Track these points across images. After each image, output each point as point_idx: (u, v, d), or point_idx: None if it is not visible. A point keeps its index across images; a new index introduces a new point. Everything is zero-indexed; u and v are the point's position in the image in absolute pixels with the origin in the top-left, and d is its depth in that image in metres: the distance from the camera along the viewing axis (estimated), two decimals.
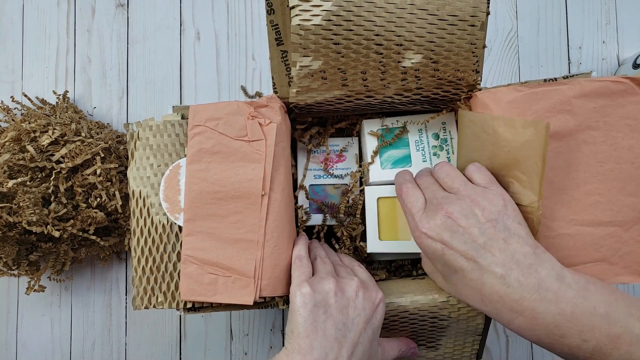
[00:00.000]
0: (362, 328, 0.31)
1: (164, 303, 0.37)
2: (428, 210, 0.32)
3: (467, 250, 0.30)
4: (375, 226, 0.40)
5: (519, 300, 0.28)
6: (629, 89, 0.35)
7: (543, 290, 0.28)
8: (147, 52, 0.69)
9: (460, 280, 0.31)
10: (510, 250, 0.29)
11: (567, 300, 0.28)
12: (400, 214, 0.41)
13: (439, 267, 0.33)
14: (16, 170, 0.53)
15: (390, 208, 0.41)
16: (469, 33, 0.35)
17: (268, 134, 0.37)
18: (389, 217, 0.41)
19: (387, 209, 0.41)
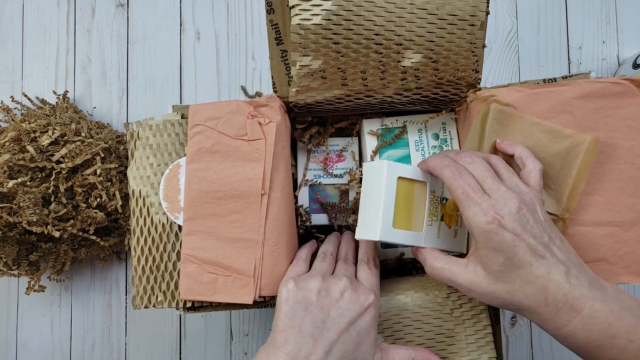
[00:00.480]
0: (343, 328, 0.31)
1: (163, 302, 0.37)
2: (498, 197, 0.29)
3: (536, 245, 0.28)
4: (391, 211, 0.34)
5: (580, 298, 0.28)
6: (628, 91, 0.35)
7: (594, 289, 0.28)
8: (147, 52, 0.69)
9: (524, 276, 0.29)
10: (566, 249, 0.30)
11: (612, 300, 0.29)
12: (417, 201, 0.35)
13: (499, 260, 0.29)
14: (16, 170, 0.53)
15: (409, 192, 0.35)
16: (469, 33, 0.35)
17: (268, 133, 0.37)
18: (406, 202, 0.35)
19: (405, 193, 0.35)
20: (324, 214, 0.45)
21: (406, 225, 0.35)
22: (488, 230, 0.28)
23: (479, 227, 0.29)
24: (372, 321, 0.32)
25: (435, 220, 0.36)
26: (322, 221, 0.45)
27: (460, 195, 0.30)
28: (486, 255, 0.29)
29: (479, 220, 0.29)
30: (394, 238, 0.34)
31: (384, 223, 0.33)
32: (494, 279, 0.29)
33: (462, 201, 0.30)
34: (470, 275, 0.30)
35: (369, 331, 0.32)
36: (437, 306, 0.37)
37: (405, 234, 0.34)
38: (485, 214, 0.29)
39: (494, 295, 0.29)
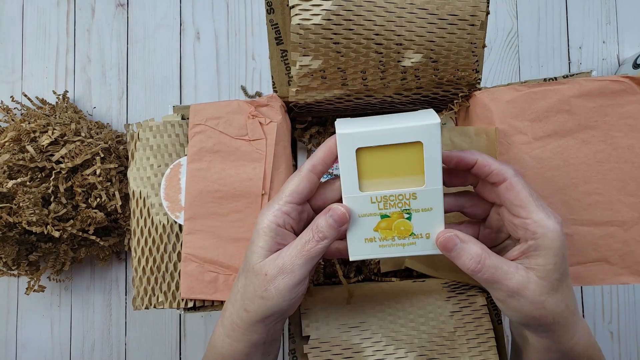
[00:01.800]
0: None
1: (164, 303, 0.37)
2: (544, 205, 0.27)
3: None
4: (354, 176, 0.27)
5: (576, 303, 0.29)
6: (628, 89, 0.35)
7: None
8: (147, 51, 0.69)
9: (568, 285, 0.28)
10: None
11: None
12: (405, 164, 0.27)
13: (562, 268, 0.26)
14: (16, 170, 0.53)
15: (379, 163, 0.27)
16: (469, 32, 0.35)
17: (268, 133, 0.37)
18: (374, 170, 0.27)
19: (371, 163, 0.27)
20: None
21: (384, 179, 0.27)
22: (562, 234, 0.26)
23: (556, 229, 0.26)
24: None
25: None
26: None
27: (527, 196, 0.26)
28: (554, 262, 0.26)
29: (554, 223, 0.26)
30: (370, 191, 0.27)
31: (348, 188, 0.27)
32: (550, 287, 0.27)
33: (530, 202, 0.26)
34: (523, 279, 0.26)
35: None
36: (436, 309, 0.37)
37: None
38: (555, 217, 0.26)
39: (541, 305, 0.27)
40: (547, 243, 0.26)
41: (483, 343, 0.37)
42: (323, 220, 0.28)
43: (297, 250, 0.28)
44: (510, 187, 0.27)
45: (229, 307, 0.31)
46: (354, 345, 0.36)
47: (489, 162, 0.27)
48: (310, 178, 0.29)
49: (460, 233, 0.28)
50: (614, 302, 0.63)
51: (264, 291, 0.28)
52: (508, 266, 0.27)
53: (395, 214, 0.28)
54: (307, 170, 0.29)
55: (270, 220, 0.28)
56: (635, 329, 0.63)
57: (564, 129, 0.35)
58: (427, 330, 0.37)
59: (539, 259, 0.26)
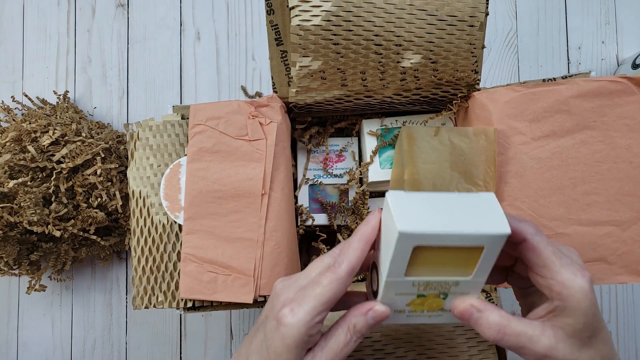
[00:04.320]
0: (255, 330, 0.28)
1: (164, 302, 0.38)
2: (572, 256, 0.26)
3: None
4: (403, 266, 0.25)
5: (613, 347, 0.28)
6: (626, 89, 0.35)
7: None
8: (147, 52, 0.69)
9: (602, 339, 0.26)
10: None
11: None
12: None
13: (593, 325, 0.25)
14: (17, 170, 0.53)
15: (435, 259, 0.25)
16: (468, 33, 0.35)
17: (268, 134, 0.37)
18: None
19: (423, 256, 0.25)
20: (324, 214, 0.45)
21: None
22: (590, 293, 0.24)
23: (583, 289, 0.24)
24: (279, 338, 0.26)
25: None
26: (322, 221, 0.45)
27: (550, 255, 0.25)
28: (583, 322, 0.25)
29: (581, 282, 0.24)
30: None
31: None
32: (581, 345, 0.25)
33: (555, 262, 0.25)
34: (551, 341, 0.25)
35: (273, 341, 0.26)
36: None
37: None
38: (583, 274, 0.24)
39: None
40: (574, 304, 0.25)
41: (482, 342, 0.37)
42: (362, 321, 0.26)
43: (334, 354, 0.26)
44: (531, 247, 0.25)
45: None
46: None
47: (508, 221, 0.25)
48: (348, 282, 0.26)
49: (477, 301, 0.27)
50: (612, 301, 0.63)
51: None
52: (533, 329, 0.26)
53: (432, 295, 0.27)
54: (347, 275, 0.25)
55: (302, 333, 0.25)
56: (634, 329, 0.63)
57: (563, 129, 0.35)
58: (426, 330, 0.37)
59: (567, 319, 0.25)
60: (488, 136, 0.36)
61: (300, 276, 0.28)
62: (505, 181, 0.36)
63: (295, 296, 0.26)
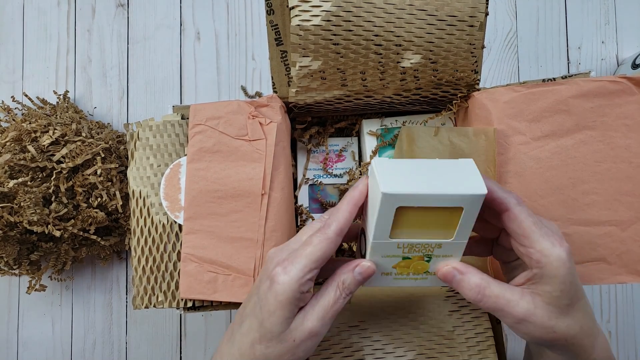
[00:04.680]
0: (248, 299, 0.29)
1: (164, 302, 0.38)
2: (552, 227, 0.28)
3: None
4: (388, 227, 0.26)
5: (595, 321, 0.29)
6: (626, 89, 0.35)
7: None
8: (147, 52, 0.69)
9: (582, 308, 0.27)
10: None
11: None
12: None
13: (570, 293, 0.26)
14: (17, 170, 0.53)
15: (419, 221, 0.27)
16: (468, 33, 0.35)
17: (268, 134, 0.37)
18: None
19: (406, 217, 0.26)
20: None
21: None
22: (568, 262, 0.26)
23: (561, 258, 0.25)
24: (269, 292, 0.27)
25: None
26: None
27: (530, 225, 0.26)
28: (560, 290, 0.26)
29: (559, 251, 0.25)
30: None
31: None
32: (559, 312, 0.26)
33: (535, 231, 0.26)
34: (529, 306, 0.26)
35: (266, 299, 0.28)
36: (435, 308, 0.38)
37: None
38: (562, 244, 0.26)
39: (551, 330, 0.27)
40: (552, 271, 0.26)
41: (482, 342, 0.37)
42: (350, 277, 0.27)
43: (325, 311, 0.27)
44: (513, 216, 0.26)
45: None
46: (354, 344, 0.36)
47: (492, 189, 0.26)
48: (337, 242, 0.27)
49: (460, 264, 0.28)
50: (612, 301, 0.63)
51: (291, 355, 0.27)
52: (512, 293, 0.27)
53: (416, 257, 0.28)
54: (335, 234, 0.27)
55: (294, 290, 0.26)
56: (633, 328, 0.63)
57: (562, 129, 0.35)
58: (426, 330, 0.37)
59: (545, 286, 0.26)
60: (488, 136, 0.36)
61: (292, 241, 0.29)
62: (505, 181, 0.36)
63: (288, 256, 0.27)
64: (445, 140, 0.37)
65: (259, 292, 0.28)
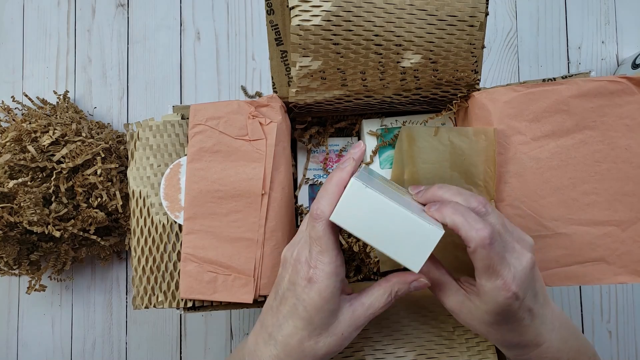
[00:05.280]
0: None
1: (164, 302, 0.38)
2: (514, 262, 0.27)
3: (532, 306, 0.28)
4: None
5: (543, 334, 0.30)
6: (626, 89, 0.35)
7: (551, 321, 0.30)
8: (148, 52, 0.69)
9: (512, 327, 0.29)
10: (540, 287, 0.30)
11: (560, 326, 0.31)
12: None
13: (497, 319, 0.28)
14: (17, 170, 0.53)
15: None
16: (468, 33, 0.35)
17: (268, 134, 0.37)
18: None
19: None
20: None
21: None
22: (506, 304, 0.27)
23: (497, 302, 0.27)
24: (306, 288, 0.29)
25: None
26: None
27: (484, 267, 0.27)
28: (490, 317, 0.28)
29: (500, 296, 0.27)
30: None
31: None
32: (487, 325, 0.29)
33: (484, 273, 0.27)
34: (457, 306, 0.30)
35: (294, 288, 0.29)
36: (435, 308, 0.38)
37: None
38: (508, 289, 0.27)
39: (474, 328, 0.30)
40: (489, 306, 0.28)
41: (482, 342, 0.37)
42: (405, 288, 0.30)
43: (374, 311, 0.29)
44: (472, 252, 0.27)
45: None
46: (354, 345, 0.36)
47: (457, 227, 0.27)
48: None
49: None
50: (612, 301, 0.63)
51: (339, 347, 0.30)
52: (451, 283, 0.30)
53: None
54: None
55: (335, 281, 0.28)
56: (633, 328, 0.63)
57: (562, 129, 0.35)
58: (426, 330, 0.37)
59: (476, 301, 0.29)
60: (488, 136, 0.36)
61: (296, 236, 0.31)
62: (505, 181, 0.36)
63: (309, 253, 0.29)
64: (445, 140, 0.37)
65: (296, 293, 0.29)
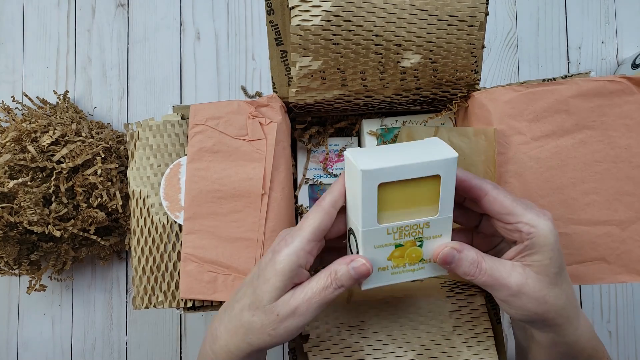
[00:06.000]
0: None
1: (164, 303, 0.38)
2: (531, 203, 0.28)
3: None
4: (374, 209, 0.27)
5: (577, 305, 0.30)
6: (625, 89, 0.35)
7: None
8: (147, 52, 0.69)
9: (566, 278, 0.28)
10: None
11: None
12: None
13: (558, 262, 0.27)
14: (17, 170, 0.53)
15: (400, 199, 0.27)
16: (468, 33, 0.35)
17: (268, 133, 0.37)
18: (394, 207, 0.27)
19: (390, 196, 0.27)
20: None
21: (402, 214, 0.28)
22: (554, 229, 0.27)
23: (548, 226, 0.26)
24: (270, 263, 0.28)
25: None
26: None
27: (511, 202, 0.27)
28: (550, 257, 0.27)
29: (545, 220, 0.26)
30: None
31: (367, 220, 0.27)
32: (548, 282, 0.27)
33: (516, 207, 0.27)
34: (522, 277, 0.27)
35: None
36: (435, 308, 0.38)
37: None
38: (545, 214, 0.27)
39: (543, 300, 0.27)
40: (541, 240, 0.27)
41: (482, 342, 0.37)
42: (344, 270, 0.27)
43: (313, 294, 0.27)
44: (492, 199, 0.27)
45: (224, 335, 0.30)
46: (353, 344, 0.37)
47: (467, 178, 0.28)
48: (331, 214, 0.28)
49: (455, 243, 0.28)
50: (612, 301, 0.63)
51: (272, 330, 0.28)
52: (504, 266, 0.28)
53: (408, 243, 0.28)
54: (329, 205, 0.28)
55: (292, 261, 0.27)
56: (633, 328, 0.63)
57: (562, 129, 0.35)
58: (426, 330, 0.37)
59: (535, 256, 0.27)
60: (488, 136, 0.36)
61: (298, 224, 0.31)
62: (505, 181, 0.36)
63: (291, 232, 0.28)
64: (445, 140, 0.37)
65: (260, 264, 0.29)
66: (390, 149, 0.29)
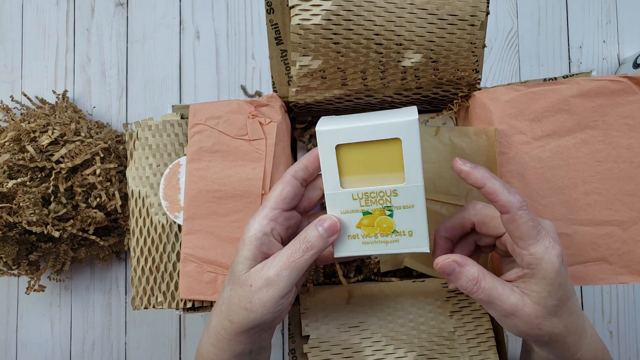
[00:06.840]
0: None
1: (163, 303, 0.37)
2: (547, 227, 0.28)
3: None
4: (335, 172, 0.27)
5: (585, 320, 0.30)
6: (627, 88, 0.35)
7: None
8: (147, 51, 0.69)
9: (570, 308, 0.28)
10: None
11: None
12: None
13: (558, 295, 0.27)
14: (16, 170, 0.53)
15: (360, 161, 0.27)
16: (469, 33, 0.35)
17: (268, 133, 0.37)
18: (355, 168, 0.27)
19: (352, 160, 0.27)
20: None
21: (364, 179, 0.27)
22: (559, 265, 0.26)
23: (552, 262, 0.26)
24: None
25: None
26: None
27: (528, 230, 0.26)
28: (548, 291, 0.27)
29: (552, 255, 0.26)
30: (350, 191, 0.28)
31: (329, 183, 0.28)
32: (546, 312, 0.27)
33: (530, 236, 0.26)
34: (518, 302, 0.27)
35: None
36: (436, 309, 0.37)
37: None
38: (554, 247, 0.26)
39: (536, 326, 0.27)
40: (541, 273, 0.26)
41: (483, 343, 0.37)
42: (313, 230, 0.28)
43: (283, 261, 0.27)
44: (511, 219, 0.27)
45: (214, 316, 0.30)
46: (354, 345, 0.36)
47: (496, 191, 0.27)
48: (292, 183, 0.29)
49: (458, 257, 0.28)
50: (613, 301, 0.63)
51: (248, 303, 0.27)
52: (503, 288, 0.28)
53: (376, 211, 0.28)
54: (290, 175, 0.29)
55: (256, 229, 0.28)
56: (634, 329, 0.63)
57: (563, 128, 0.35)
58: (426, 330, 0.37)
59: (534, 286, 0.27)
60: (489, 136, 0.35)
61: None
62: (506, 181, 0.36)
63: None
64: (446, 139, 0.36)
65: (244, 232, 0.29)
66: (362, 115, 0.28)
